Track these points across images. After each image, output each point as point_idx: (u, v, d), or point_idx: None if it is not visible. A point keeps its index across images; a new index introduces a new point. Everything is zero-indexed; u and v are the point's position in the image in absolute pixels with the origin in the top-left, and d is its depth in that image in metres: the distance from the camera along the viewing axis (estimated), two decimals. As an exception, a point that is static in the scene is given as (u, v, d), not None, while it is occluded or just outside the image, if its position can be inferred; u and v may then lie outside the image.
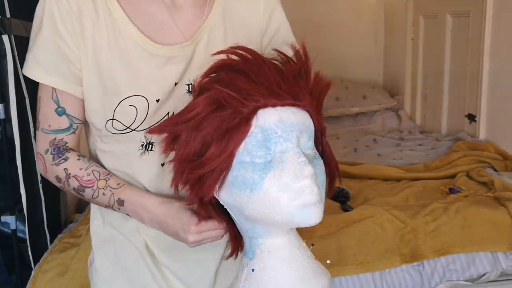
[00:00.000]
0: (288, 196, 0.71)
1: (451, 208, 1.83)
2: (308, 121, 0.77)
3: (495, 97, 2.50)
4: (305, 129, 0.76)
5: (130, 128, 0.87)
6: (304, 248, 0.81)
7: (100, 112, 0.88)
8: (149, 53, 0.87)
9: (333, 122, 3.45)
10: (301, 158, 0.72)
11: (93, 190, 0.88)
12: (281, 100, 0.73)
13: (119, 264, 0.97)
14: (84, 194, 0.89)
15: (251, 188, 0.72)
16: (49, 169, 0.90)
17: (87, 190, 0.88)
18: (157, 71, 0.87)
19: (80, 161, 0.89)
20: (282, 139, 0.73)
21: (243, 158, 0.73)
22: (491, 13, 2.46)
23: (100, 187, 0.88)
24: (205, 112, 0.72)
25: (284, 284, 0.77)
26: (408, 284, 1.71)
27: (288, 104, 0.74)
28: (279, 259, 0.78)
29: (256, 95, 0.72)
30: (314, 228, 1.76)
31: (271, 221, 0.73)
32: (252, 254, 0.79)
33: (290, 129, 0.73)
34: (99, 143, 0.92)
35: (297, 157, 0.72)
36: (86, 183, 0.88)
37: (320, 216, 0.73)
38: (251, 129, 0.73)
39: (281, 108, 0.74)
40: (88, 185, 0.88)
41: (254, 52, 0.77)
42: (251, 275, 0.79)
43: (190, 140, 0.74)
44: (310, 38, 3.55)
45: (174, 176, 0.78)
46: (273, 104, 0.73)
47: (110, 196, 0.88)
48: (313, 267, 0.79)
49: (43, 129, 0.89)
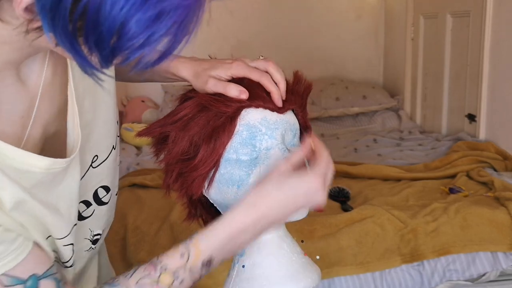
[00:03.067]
0: None
1: (451, 208, 1.83)
2: (293, 119, 0.79)
3: (495, 97, 2.50)
4: (290, 127, 0.78)
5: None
6: (293, 243, 0.83)
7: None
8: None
9: (333, 122, 3.45)
10: (285, 154, 0.74)
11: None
12: (265, 103, 0.75)
13: None
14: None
15: (238, 185, 0.75)
16: None
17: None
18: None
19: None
20: (267, 137, 0.76)
21: (230, 156, 0.75)
22: (491, 13, 2.46)
23: (167, 284, 0.66)
24: (192, 113, 0.75)
25: (273, 279, 0.78)
26: (408, 284, 1.71)
27: (270, 108, 0.76)
28: (268, 255, 0.79)
29: (238, 98, 0.74)
30: (314, 228, 1.76)
31: None
32: (242, 251, 0.81)
33: (275, 126, 0.76)
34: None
35: (281, 154, 0.75)
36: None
37: (306, 210, 0.76)
38: (236, 127, 0.75)
39: (264, 109, 0.76)
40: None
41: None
42: (242, 271, 0.80)
43: (178, 140, 0.76)
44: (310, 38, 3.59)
45: (164, 176, 0.79)
46: (257, 106, 0.75)
47: (189, 277, 0.68)
48: (302, 262, 0.81)
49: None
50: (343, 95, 3.50)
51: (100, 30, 0.47)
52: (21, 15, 0.50)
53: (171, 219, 1.85)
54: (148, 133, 0.79)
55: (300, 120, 0.82)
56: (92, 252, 0.84)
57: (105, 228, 0.84)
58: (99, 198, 0.80)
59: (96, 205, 0.80)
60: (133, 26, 0.46)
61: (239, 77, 0.77)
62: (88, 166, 0.76)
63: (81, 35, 0.48)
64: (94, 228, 0.81)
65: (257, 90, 0.76)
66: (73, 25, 0.47)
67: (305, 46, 3.70)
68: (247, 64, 0.79)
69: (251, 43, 3.62)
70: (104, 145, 0.78)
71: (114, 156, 0.81)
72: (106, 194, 0.81)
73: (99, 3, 0.46)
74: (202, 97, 0.75)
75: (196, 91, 0.80)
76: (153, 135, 0.79)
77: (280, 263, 0.79)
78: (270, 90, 0.76)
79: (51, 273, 0.65)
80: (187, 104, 0.76)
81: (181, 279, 0.67)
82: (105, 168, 0.79)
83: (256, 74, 0.77)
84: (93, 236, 0.81)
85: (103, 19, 0.46)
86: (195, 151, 0.75)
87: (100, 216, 0.81)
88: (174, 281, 0.66)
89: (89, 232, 0.80)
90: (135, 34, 0.47)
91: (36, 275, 0.63)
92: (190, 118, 0.75)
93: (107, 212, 0.83)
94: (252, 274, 0.79)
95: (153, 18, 0.47)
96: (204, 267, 0.68)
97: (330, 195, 2.11)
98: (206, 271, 0.69)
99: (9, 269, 0.61)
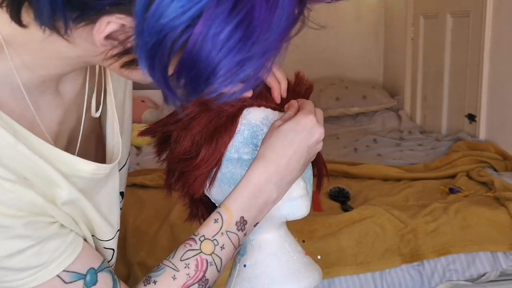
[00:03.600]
0: None
1: (451, 208, 1.83)
2: None
3: (495, 97, 2.50)
4: None
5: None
6: (294, 243, 0.83)
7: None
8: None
9: (333, 122, 3.45)
10: None
11: (210, 264, 0.68)
12: (267, 102, 0.76)
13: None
14: (210, 284, 0.70)
15: None
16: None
17: (208, 275, 0.68)
18: None
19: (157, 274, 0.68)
20: None
21: (231, 155, 0.76)
22: (491, 13, 2.46)
23: (209, 252, 0.68)
24: (194, 113, 0.75)
25: (274, 278, 0.78)
26: (408, 284, 1.71)
27: (272, 107, 0.77)
28: (269, 254, 0.80)
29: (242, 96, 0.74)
30: (314, 228, 1.76)
31: None
32: (244, 250, 0.81)
33: None
34: None
35: None
36: (196, 275, 0.67)
37: (306, 209, 0.76)
38: (238, 126, 0.75)
39: (266, 108, 0.77)
40: (200, 273, 0.68)
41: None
42: (243, 271, 0.80)
43: (180, 140, 0.76)
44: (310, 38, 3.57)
45: (166, 175, 0.80)
46: (259, 105, 0.76)
47: (229, 240, 0.69)
48: (303, 262, 0.81)
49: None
50: (343, 95, 3.50)
51: (198, 68, 0.47)
52: (101, 43, 0.50)
53: (171, 219, 1.85)
54: (150, 133, 0.80)
55: None
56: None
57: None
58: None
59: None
60: (227, 65, 0.47)
61: None
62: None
63: (173, 69, 0.49)
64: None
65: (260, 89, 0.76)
66: (168, 60, 0.47)
67: (305, 46, 3.70)
68: None
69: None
70: (125, 152, 0.79)
71: (129, 162, 0.83)
72: (122, 200, 0.82)
73: (200, 42, 0.46)
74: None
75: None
76: (155, 135, 0.80)
77: (282, 262, 0.79)
78: (271, 85, 0.76)
79: (106, 266, 0.66)
80: (189, 104, 0.76)
81: (221, 244, 0.68)
82: (123, 174, 0.80)
83: None
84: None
85: (203, 58, 0.47)
86: (197, 151, 0.75)
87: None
88: (215, 247, 0.68)
89: None
90: (229, 74, 0.48)
91: (93, 269, 0.64)
92: (192, 117, 0.75)
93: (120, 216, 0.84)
94: (254, 273, 0.79)
95: (246, 59, 0.48)
96: (240, 229, 0.69)
97: (330, 195, 2.11)
98: (244, 233, 0.70)
99: (68, 264, 0.61)
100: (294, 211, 0.75)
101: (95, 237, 0.69)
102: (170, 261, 0.68)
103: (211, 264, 0.68)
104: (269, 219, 0.77)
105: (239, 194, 0.70)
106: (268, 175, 0.70)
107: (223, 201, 0.71)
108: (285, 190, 0.72)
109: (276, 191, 0.71)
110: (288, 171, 0.70)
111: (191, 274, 0.67)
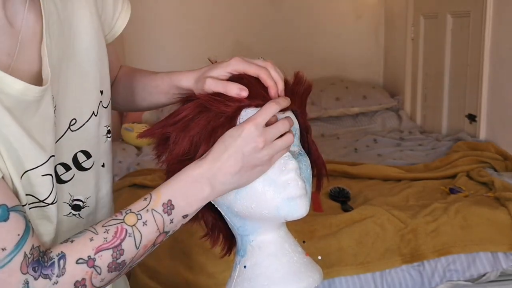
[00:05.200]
0: (274, 190, 0.74)
1: (451, 208, 1.83)
2: (292, 119, 0.79)
3: (495, 97, 2.50)
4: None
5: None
6: (294, 244, 0.83)
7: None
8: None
9: (333, 122, 3.45)
10: (286, 154, 0.75)
11: (129, 235, 0.69)
12: (265, 102, 0.75)
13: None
14: (125, 259, 0.69)
15: None
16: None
17: (124, 245, 0.69)
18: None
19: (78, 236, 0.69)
20: None
21: None
22: (491, 13, 2.46)
23: (131, 223, 0.69)
24: (192, 114, 0.75)
25: (275, 279, 0.78)
26: (409, 284, 1.71)
27: None
28: (269, 255, 0.80)
29: (239, 96, 0.75)
30: (315, 228, 1.77)
31: (259, 216, 0.76)
32: (244, 252, 0.81)
33: None
34: None
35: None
36: (113, 241, 0.68)
37: (305, 209, 0.76)
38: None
39: None
40: (117, 240, 0.68)
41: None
42: (243, 272, 0.80)
43: (178, 141, 0.76)
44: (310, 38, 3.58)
45: (166, 176, 0.79)
46: (257, 105, 0.75)
47: (153, 219, 0.70)
48: (303, 262, 0.81)
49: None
50: (343, 95, 3.50)
51: None
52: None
53: (171, 219, 1.85)
54: (149, 135, 0.80)
55: (300, 121, 0.82)
56: (77, 220, 0.83)
57: (89, 197, 0.84)
58: (78, 163, 0.81)
59: (76, 170, 0.80)
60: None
61: (238, 76, 0.78)
62: (66, 128, 0.77)
63: None
64: (74, 193, 0.81)
65: (257, 88, 0.76)
66: None
67: (305, 46, 3.70)
68: (245, 59, 0.79)
69: (251, 43, 3.62)
70: (83, 110, 0.80)
71: (95, 122, 0.82)
72: (87, 160, 0.82)
73: None
74: (202, 97, 0.76)
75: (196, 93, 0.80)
76: (155, 136, 0.80)
77: (282, 263, 0.79)
78: (268, 84, 0.76)
79: (22, 210, 0.65)
80: (188, 105, 0.76)
81: (145, 220, 0.70)
82: (85, 133, 0.80)
83: (255, 68, 0.77)
84: (72, 201, 0.81)
85: None
86: (195, 151, 0.75)
87: (81, 182, 0.82)
88: (138, 221, 0.69)
89: (68, 196, 0.80)
90: None
91: (5, 205, 0.63)
92: (191, 119, 0.75)
93: (91, 180, 0.83)
94: (254, 274, 0.79)
95: None
96: (165, 211, 0.71)
97: (330, 195, 2.11)
98: (171, 219, 0.72)
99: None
100: (292, 211, 0.75)
101: (27, 174, 0.69)
102: (93, 227, 0.70)
103: (129, 235, 0.69)
104: (268, 219, 0.77)
105: (172, 181, 0.73)
106: (201, 171, 0.72)
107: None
108: (220, 190, 0.73)
109: (208, 186, 0.72)
110: (222, 173, 0.72)
111: (108, 239, 0.68)
